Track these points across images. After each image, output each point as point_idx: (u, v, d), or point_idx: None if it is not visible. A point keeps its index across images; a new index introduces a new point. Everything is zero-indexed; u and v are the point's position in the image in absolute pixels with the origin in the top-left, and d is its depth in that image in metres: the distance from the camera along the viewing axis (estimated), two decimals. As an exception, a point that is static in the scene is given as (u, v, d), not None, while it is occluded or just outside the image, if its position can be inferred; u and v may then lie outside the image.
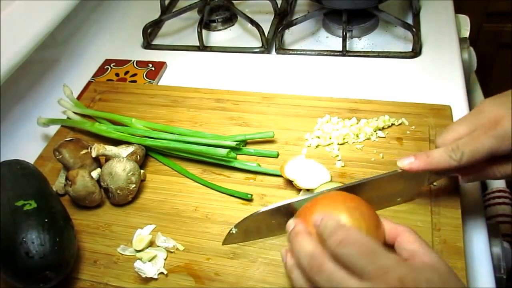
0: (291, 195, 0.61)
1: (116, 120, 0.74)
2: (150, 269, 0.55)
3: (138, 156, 0.67)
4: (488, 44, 1.50)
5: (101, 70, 0.90)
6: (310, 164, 0.62)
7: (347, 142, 0.67)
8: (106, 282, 0.56)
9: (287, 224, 0.46)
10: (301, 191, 0.59)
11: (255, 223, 0.54)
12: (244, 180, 0.65)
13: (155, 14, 1.02)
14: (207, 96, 0.77)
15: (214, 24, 0.99)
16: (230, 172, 0.66)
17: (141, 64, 0.90)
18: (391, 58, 0.84)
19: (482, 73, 1.09)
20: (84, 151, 0.66)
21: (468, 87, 0.86)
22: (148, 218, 0.61)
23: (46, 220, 0.53)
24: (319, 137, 0.68)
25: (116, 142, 0.70)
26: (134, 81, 0.86)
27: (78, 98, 0.82)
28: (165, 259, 0.57)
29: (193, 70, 0.89)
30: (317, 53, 0.88)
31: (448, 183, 0.58)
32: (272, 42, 0.92)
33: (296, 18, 0.92)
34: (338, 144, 0.67)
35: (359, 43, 0.90)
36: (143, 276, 0.54)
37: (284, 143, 0.68)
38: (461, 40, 0.88)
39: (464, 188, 0.61)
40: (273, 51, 0.91)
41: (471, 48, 0.93)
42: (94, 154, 0.65)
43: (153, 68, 0.88)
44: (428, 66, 0.81)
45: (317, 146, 0.67)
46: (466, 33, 0.96)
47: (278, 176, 0.64)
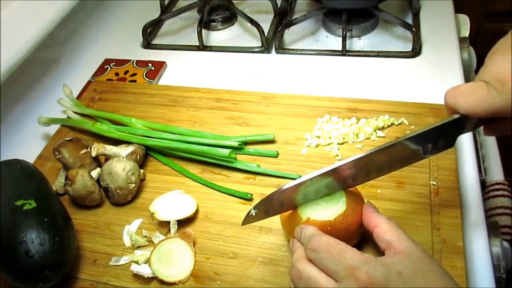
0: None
1: (116, 120, 0.74)
2: (147, 270, 0.55)
3: (138, 156, 0.67)
4: (488, 44, 1.49)
5: (101, 70, 0.90)
6: (180, 198, 0.62)
7: (347, 142, 0.67)
8: (106, 282, 0.56)
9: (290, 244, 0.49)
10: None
11: (276, 201, 0.51)
12: (244, 180, 0.65)
13: (155, 14, 1.02)
14: (207, 96, 0.77)
15: (214, 24, 0.99)
16: (230, 172, 0.66)
17: (141, 64, 0.90)
18: (391, 58, 0.84)
19: (482, 73, 1.08)
20: (84, 151, 0.66)
21: (468, 87, 0.85)
22: (148, 218, 0.61)
23: (46, 220, 0.53)
24: (319, 137, 0.68)
25: (116, 142, 0.70)
26: (134, 81, 0.86)
27: (78, 98, 0.82)
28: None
29: (193, 70, 0.89)
30: (317, 53, 0.88)
31: (448, 183, 0.58)
32: (272, 42, 0.92)
33: (296, 18, 0.92)
34: (338, 144, 0.67)
35: (359, 43, 0.90)
36: (145, 277, 0.54)
37: (284, 143, 0.68)
38: (461, 40, 0.88)
39: (464, 188, 0.61)
40: (273, 51, 0.91)
41: (471, 48, 0.93)
42: (94, 154, 0.65)
43: (153, 68, 0.88)
44: (428, 66, 0.81)
45: (317, 146, 0.67)
46: (466, 33, 0.96)
47: (278, 177, 0.64)
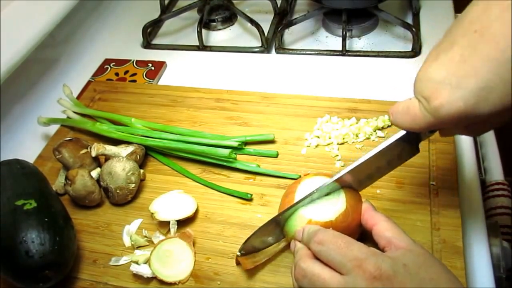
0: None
1: (116, 120, 0.74)
2: (147, 270, 0.55)
3: (138, 156, 0.67)
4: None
5: (101, 70, 0.90)
6: (179, 198, 0.62)
7: (347, 142, 0.67)
8: (106, 282, 0.56)
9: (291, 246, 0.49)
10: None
11: (258, 239, 0.53)
12: (244, 180, 0.65)
13: (155, 14, 1.02)
14: (207, 96, 0.77)
15: (214, 24, 0.99)
16: (230, 172, 0.66)
17: (141, 64, 0.90)
18: (391, 58, 0.84)
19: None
20: (84, 151, 0.66)
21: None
22: (148, 218, 0.61)
23: (46, 220, 0.53)
24: (319, 137, 0.68)
25: (116, 142, 0.70)
26: (134, 81, 0.86)
27: (78, 98, 0.82)
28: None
29: (193, 70, 0.89)
30: (317, 53, 0.88)
31: (448, 183, 0.58)
32: (272, 42, 0.92)
33: (296, 18, 0.92)
34: (338, 144, 0.67)
35: (359, 43, 0.90)
36: (145, 277, 0.55)
37: (284, 143, 0.68)
38: (461, 40, 0.88)
39: (464, 188, 0.61)
40: (273, 51, 0.91)
41: (471, 48, 0.93)
42: (94, 154, 0.65)
43: (153, 68, 0.88)
44: (428, 66, 0.81)
45: (317, 146, 0.67)
46: (466, 33, 0.96)
47: (278, 177, 0.64)
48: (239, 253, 0.52)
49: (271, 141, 0.69)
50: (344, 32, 0.85)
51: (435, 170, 0.60)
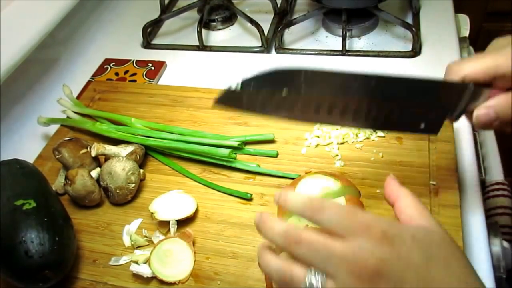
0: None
1: (116, 120, 0.74)
2: (147, 270, 0.55)
3: (138, 156, 0.67)
4: (488, 44, 1.49)
5: (101, 70, 0.90)
6: (179, 198, 0.62)
7: (347, 142, 0.67)
8: (106, 282, 0.56)
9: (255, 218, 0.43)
10: None
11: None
12: (244, 180, 0.65)
13: (155, 14, 1.02)
14: (207, 96, 0.77)
15: (214, 24, 0.99)
16: (230, 172, 0.66)
17: (141, 64, 0.90)
18: (391, 58, 0.84)
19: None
20: (84, 151, 0.66)
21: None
22: (148, 218, 0.61)
23: (46, 220, 0.53)
24: (319, 137, 0.68)
25: (116, 142, 0.70)
26: (134, 81, 0.86)
27: (78, 98, 0.82)
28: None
29: (193, 70, 0.89)
30: (317, 53, 0.88)
31: (448, 183, 0.58)
32: (272, 42, 0.92)
33: (296, 18, 0.91)
34: (338, 144, 0.67)
35: (359, 43, 0.90)
36: (144, 277, 0.54)
37: (284, 143, 0.68)
38: (461, 40, 0.88)
39: (464, 188, 0.61)
40: (273, 51, 0.91)
41: (471, 48, 0.93)
42: (94, 154, 0.65)
43: (153, 68, 0.88)
44: (428, 66, 0.81)
45: (317, 146, 0.67)
46: (466, 33, 0.96)
47: (278, 176, 0.64)
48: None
49: (271, 141, 0.69)
50: (344, 32, 0.85)
51: (435, 170, 0.60)
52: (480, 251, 0.55)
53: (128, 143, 0.69)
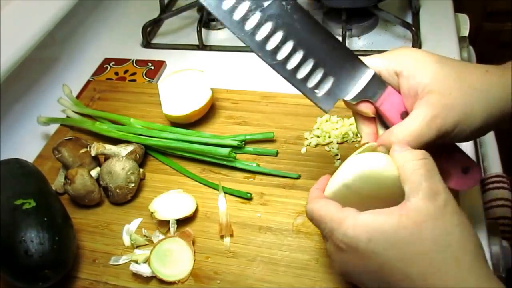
0: (291, 194, 0.61)
1: (115, 120, 0.74)
2: (146, 269, 0.55)
3: (138, 155, 0.67)
4: (488, 43, 1.49)
5: (101, 69, 0.90)
6: (179, 198, 0.62)
7: (347, 141, 0.67)
8: (105, 281, 0.56)
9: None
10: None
11: None
12: (243, 179, 0.65)
13: (155, 13, 1.02)
14: (207, 95, 0.77)
15: (214, 23, 0.99)
16: (229, 171, 0.66)
17: (141, 63, 0.90)
18: (391, 57, 0.84)
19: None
20: (83, 150, 0.66)
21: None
22: (148, 217, 0.61)
23: (45, 219, 0.53)
24: (319, 136, 0.68)
25: (115, 141, 0.70)
26: (134, 80, 0.86)
27: (78, 97, 0.82)
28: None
29: (193, 69, 0.89)
30: (317, 52, 0.87)
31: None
32: (272, 41, 0.91)
33: (296, 17, 0.91)
34: (338, 143, 0.67)
35: (359, 42, 0.90)
36: (144, 276, 0.55)
37: (284, 142, 0.68)
38: (461, 39, 0.88)
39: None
40: (273, 50, 0.91)
41: (471, 47, 0.93)
42: (94, 153, 0.65)
43: (153, 67, 0.88)
44: (428, 65, 0.81)
45: (317, 145, 0.67)
46: (466, 32, 0.96)
47: (278, 176, 0.64)
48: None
49: (271, 140, 0.69)
50: (344, 32, 0.85)
51: (435, 170, 0.60)
52: (480, 251, 0.55)
53: (128, 143, 0.69)
